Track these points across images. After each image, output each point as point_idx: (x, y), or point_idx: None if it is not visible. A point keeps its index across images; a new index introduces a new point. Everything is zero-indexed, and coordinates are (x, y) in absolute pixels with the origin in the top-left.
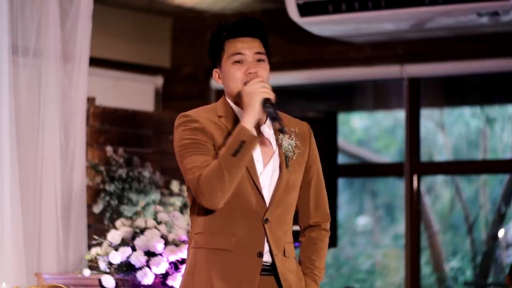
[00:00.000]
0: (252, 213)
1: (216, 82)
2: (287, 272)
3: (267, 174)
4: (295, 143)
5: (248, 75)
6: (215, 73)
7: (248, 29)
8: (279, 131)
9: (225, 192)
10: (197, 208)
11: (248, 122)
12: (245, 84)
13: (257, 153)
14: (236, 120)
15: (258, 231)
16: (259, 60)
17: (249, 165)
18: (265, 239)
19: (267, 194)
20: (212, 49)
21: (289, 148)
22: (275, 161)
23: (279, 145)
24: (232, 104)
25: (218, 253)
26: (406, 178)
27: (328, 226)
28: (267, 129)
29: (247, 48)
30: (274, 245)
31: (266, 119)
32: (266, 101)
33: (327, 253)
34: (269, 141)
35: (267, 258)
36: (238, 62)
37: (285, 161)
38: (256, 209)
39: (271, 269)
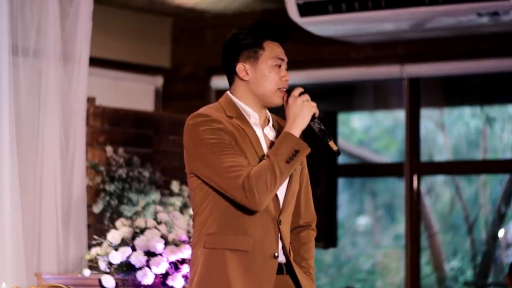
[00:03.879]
0: (268, 214)
1: (241, 76)
2: (299, 271)
3: None
4: None
5: (284, 82)
6: (243, 67)
7: (286, 37)
8: (335, 152)
9: (272, 194)
10: (209, 208)
11: (298, 133)
12: (284, 90)
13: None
14: (246, 121)
15: (273, 232)
16: (286, 68)
17: None
18: (279, 240)
19: (280, 196)
20: (246, 43)
21: None
22: None
23: None
24: (241, 103)
25: (236, 254)
26: (406, 178)
27: (315, 225)
28: (270, 132)
29: (285, 55)
30: (287, 245)
31: (269, 122)
32: (314, 116)
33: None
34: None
35: (280, 258)
36: (278, 66)
37: None
38: (273, 211)
39: (283, 269)
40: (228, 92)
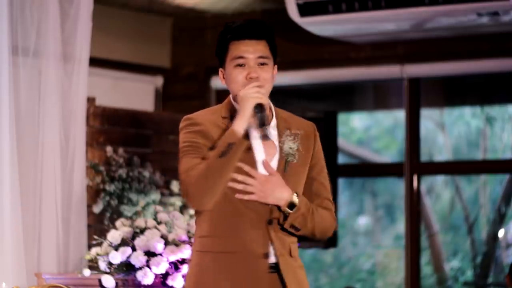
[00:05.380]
0: (256, 215)
1: (221, 82)
2: (291, 271)
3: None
4: (297, 147)
5: (249, 80)
6: (220, 73)
7: (253, 31)
8: (262, 137)
9: (210, 193)
10: (206, 211)
11: (238, 125)
12: None
13: (260, 155)
14: None
15: (263, 232)
16: (262, 64)
17: (252, 167)
18: (270, 240)
19: None
20: (217, 49)
21: (289, 152)
22: (276, 162)
23: (280, 148)
24: (236, 105)
25: (225, 256)
26: (406, 178)
27: (330, 207)
28: (272, 131)
29: (251, 52)
30: (279, 245)
31: (271, 121)
32: (257, 106)
33: (325, 227)
34: (274, 143)
35: (273, 259)
36: (240, 65)
37: (284, 165)
38: (260, 211)
39: (277, 270)
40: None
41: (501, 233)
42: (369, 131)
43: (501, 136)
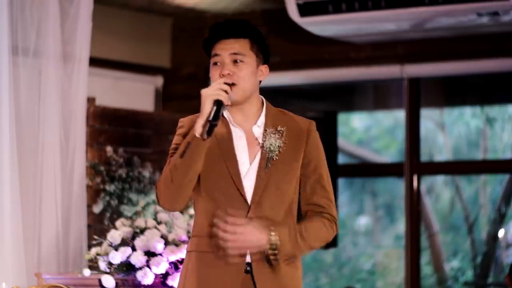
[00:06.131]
0: (234, 214)
1: None
2: (268, 273)
3: (252, 175)
4: (280, 144)
5: (221, 77)
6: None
7: (228, 30)
8: (205, 133)
9: (176, 194)
10: (195, 211)
11: (197, 123)
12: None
13: (244, 154)
14: (226, 121)
15: None
16: (237, 61)
17: (231, 166)
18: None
19: (248, 193)
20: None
21: (270, 149)
22: (258, 160)
23: (262, 145)
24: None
25: (204, 255)
26: (406, 178)
27: (328, 213)
28: (257, 129)
29: (225, 50)
30: None
31: (258, 119)
32: (215, 103)
33: (322, 237)
34: (258, 141)
35: (249, 259)
36: (215, 63)
37: (266, 162)
38: (238, 211)
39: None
40: None
41: (501, 233)
42: (369, 131)
43: (501, 136)
